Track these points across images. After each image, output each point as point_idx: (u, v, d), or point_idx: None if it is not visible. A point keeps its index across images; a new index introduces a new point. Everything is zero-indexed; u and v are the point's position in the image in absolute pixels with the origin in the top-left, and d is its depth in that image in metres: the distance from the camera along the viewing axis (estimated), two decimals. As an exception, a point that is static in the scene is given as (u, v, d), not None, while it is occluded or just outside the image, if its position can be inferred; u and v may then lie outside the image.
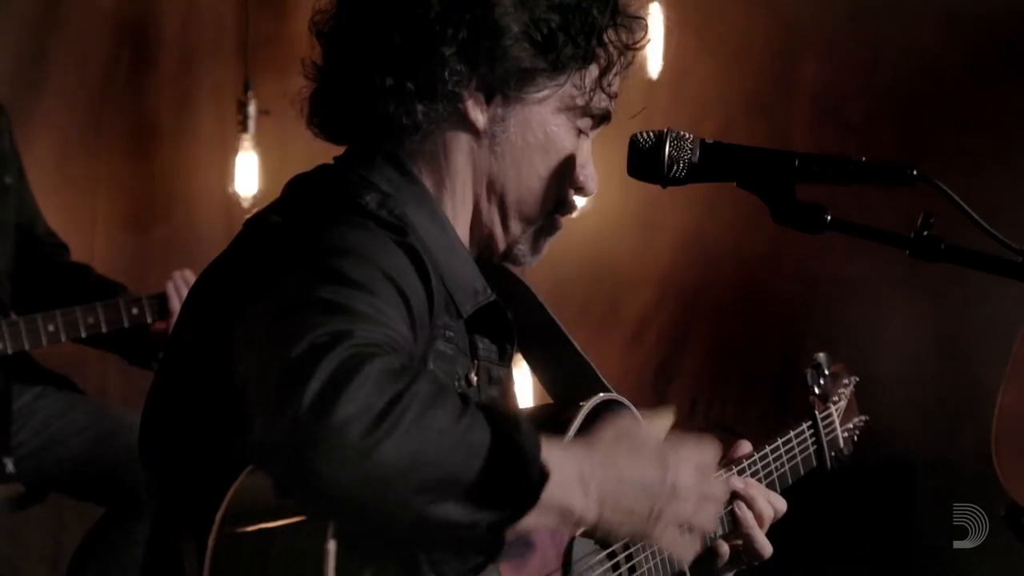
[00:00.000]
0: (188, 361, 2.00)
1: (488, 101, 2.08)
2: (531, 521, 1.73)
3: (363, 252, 1.86)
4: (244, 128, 5.17)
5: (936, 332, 5.00)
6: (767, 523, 2.36)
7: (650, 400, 2.23)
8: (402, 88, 2.04)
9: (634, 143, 2.14)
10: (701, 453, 1.93)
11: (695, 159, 2.12)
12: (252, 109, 5.16)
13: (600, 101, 2.14)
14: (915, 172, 2.06)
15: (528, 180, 2.12)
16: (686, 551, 1.93)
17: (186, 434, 1.97)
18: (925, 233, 2.05)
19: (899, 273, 4.61)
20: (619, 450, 1.85)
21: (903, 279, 4.78)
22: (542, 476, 1.71)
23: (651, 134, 2.14)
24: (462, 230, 2.13)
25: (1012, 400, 3.27)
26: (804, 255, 5.20)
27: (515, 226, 2.15)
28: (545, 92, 2.09)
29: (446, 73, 2.04)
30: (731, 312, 5.58)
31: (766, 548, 2.35)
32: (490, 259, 2.20)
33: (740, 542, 2.36)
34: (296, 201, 2.06)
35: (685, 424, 5.88)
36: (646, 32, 2.20)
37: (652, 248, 5.56)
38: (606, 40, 2.12)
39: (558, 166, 2.13)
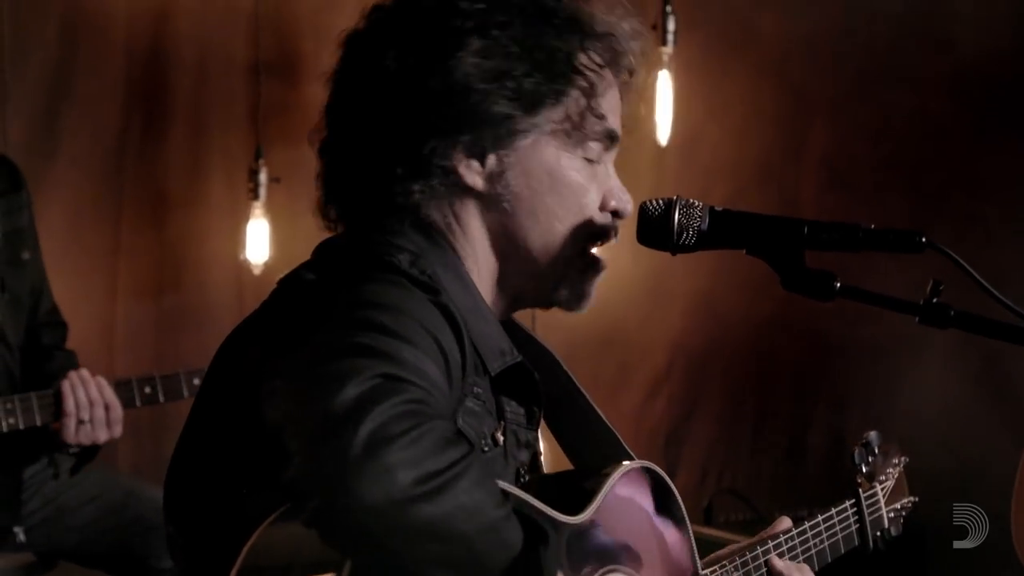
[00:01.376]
0: (216, 415, 2.00)
1: (481, 161, 2.05)
2: None
3: (400, 306, 1.87)
4: (255, 196, 5.18)
5: (947, 397, 4.99)
6: None
7: (660, 465, 2.21)
8: (393, 173, 2.03)
9: (643, 211, 2.13)
10: None
11: (704, 226, 2.11)
12: (263, 177, 5.17)
13: (594, 126, 2.09)
14: (923, 239, 2.06)
15: (548, 224, 2.08)
16: None
17: (208, 491, 1.97)
18: (934, 300, 2.05)
19: (910, 338, 4.61)
20: None
21: (913, 344, 4.78)
22: None
23: (660, 201, 2.12)
24: (487, 290, 2.11)
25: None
26: (814, 320, 5.20)
27: (549, 273, 2.11)
28: (531, 135, 2.06)
29: (425, 150, 2.02)
30: (742, 378, 5.57)
31: None
32: (539, 307, 2.18)
33: None
34: (329, 260, 2.05)
35: (696, 491, 5.84)
36: (634, 38, 2.13)
37: (662, 314, 5.56)
38: (579, 66, 2.07)
39: (573, 202, 2.09)
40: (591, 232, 2.12)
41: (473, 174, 2.05)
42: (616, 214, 2.14)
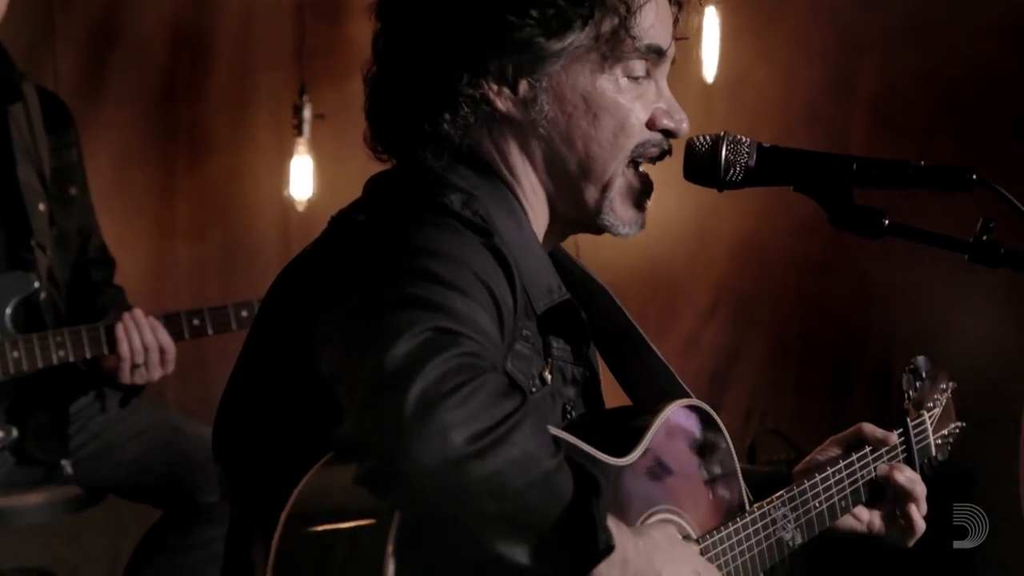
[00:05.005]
0: (267, 357, 2.00)
1: (513, 88, 2.03)
2: None
3: (454, 254, 1.85)
4: (299, 132, 5.18)
5: (995, 341, 4.95)
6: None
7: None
8: (422, 105, 2.02)
9: (690, 147, 2.12)
10: None
11: (752, 163, 2.10)
12: (307, 113, 5.17)
13: (632, 44, 2.04)
14: (974, 176, 2.04)
15: (585, 148, 2.05)
16: None
17: (259, 430, 1.97)
18: (984, 238, 2.04)
19: (957, 281, 4.57)
20: (660, 550, 1.87)
21: (961, 287, 4.74)
22: (608, 547, 1.74)
23: (707, 138, 2.12)
24: (541, 219, 2.10)
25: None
26: (861, 263, 5.16)
27: (592, 195, 2.08)
28: (561, 60, 2.02)
29: (452, 80, 2.00)
30: (787, 320, 5.55)
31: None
32: (591, 232, 2.15)
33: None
34: (380, 200, 2.04)
35: (740, 431, 5.84)
36: None
37: (707, 255, 5.54)
38: None
39: (613, 123, 2.05)
40: (635, 152, 2.09)
41: (505, 101, 2.03)
42: (668, 133, 2.11)
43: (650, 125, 2.09)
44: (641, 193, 2.12)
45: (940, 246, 2.07)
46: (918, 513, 2.39)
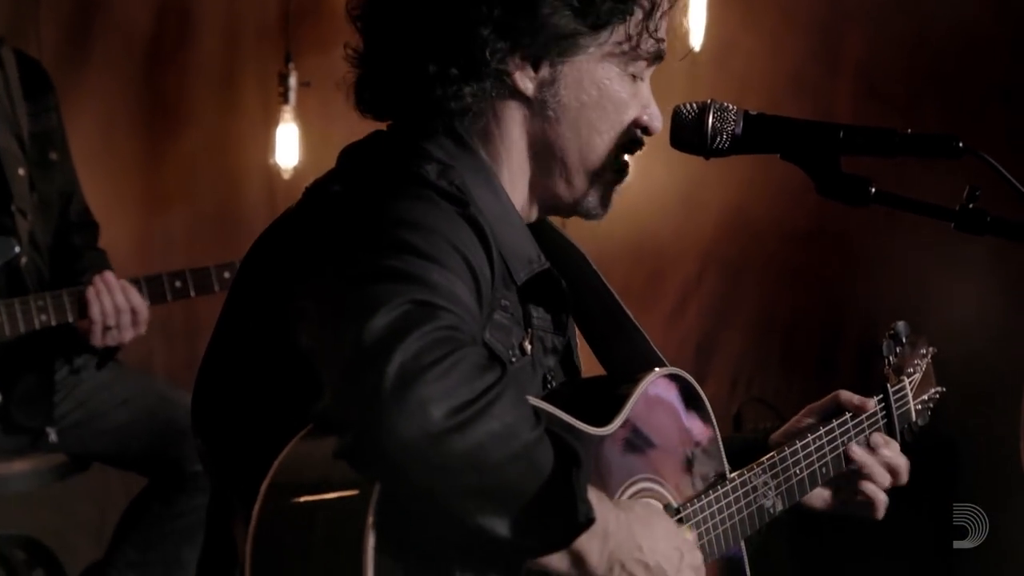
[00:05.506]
0: (243, 329, 2.00)
1: (535, 68, 2.05)
2: (548, 559, 1.78)
3: (430, 225, 1.86)
4: (285, 100, 5.19)
5: (981, 311, 4.96)
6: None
7: (690, 373, 2.22)
8: (446, 73, 2.01)
9: (677, 114, 2.13)
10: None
11: (738, 131, 2.11)
12: (293, 81, 5.17)
13: (648, 45, 2.10)
14: (960, 144, 2.05)
15: (587, 137, 2.09)
16: None
17: (237, 404, 1.97)
18: (971, 206, 2.04)
19: (943, 251, 4.58)
20: (641, 523, 1.88)
21: (947, 257, 4.75)
22: (588, 519, 1.74)
23: (694, 105, 2.12)
24: (519, 196, 2.11)
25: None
26: (847, 232, 5.17)
27: (580, 182, 2.12)
28: (591, 50, 2.06)
29: (487, 53, 2.01)
30: (773, 288, 5.56)
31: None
32: (561, 215, 2.19)
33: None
34: (355, 171, 2.03)
35: (726, 400, 5.86)
36: None
37: (694, 224, 5.54)
38: None
39: (615, 118, 2.10)
40: (625, 145, 2.13)
41: (526, 79, 2.06)
42: (646, 130, 2.15)
43: (635, 122, 2.13)
44: (618, 182, 2.16)
45: (926, 214, 2.07)
46: (877, 489, 2.40)
